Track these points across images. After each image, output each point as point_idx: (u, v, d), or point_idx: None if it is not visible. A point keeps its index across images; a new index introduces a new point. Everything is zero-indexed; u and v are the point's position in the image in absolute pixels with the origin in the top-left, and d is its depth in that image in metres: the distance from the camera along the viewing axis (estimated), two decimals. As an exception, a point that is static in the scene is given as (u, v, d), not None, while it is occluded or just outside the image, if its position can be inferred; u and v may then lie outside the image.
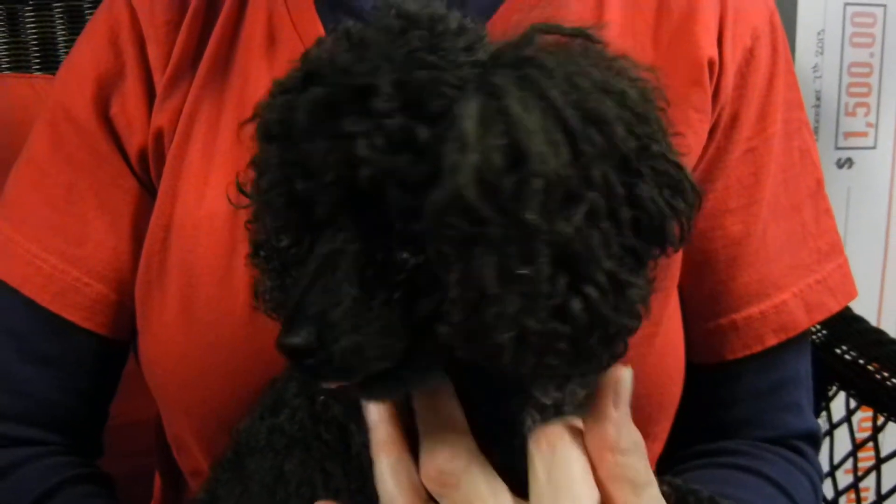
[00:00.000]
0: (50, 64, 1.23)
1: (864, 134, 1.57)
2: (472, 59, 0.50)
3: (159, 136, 0.79)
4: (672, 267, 0.78)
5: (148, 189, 0.81)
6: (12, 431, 0.79)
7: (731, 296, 0.81)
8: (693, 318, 0.82)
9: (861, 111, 1.56)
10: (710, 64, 0.78)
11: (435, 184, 0.46)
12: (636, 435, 0.56)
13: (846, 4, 1.51)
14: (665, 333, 0.79)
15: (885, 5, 1.53)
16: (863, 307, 1.01)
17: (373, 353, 0.49)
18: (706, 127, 0.78)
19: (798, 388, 0.86)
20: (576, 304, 0.47)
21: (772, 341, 0.82)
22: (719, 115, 0.79)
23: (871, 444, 1.07)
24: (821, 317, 0.84)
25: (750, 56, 0.80)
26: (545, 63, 0.49)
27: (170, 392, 0.81)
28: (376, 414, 0.56)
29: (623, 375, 0.55)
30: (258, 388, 0.74)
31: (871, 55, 1.54)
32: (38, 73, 1.21)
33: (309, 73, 0.50)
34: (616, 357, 0.51)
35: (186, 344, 0.78)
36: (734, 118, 0.80)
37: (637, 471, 0.55)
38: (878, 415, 1.05)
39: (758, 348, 0.82)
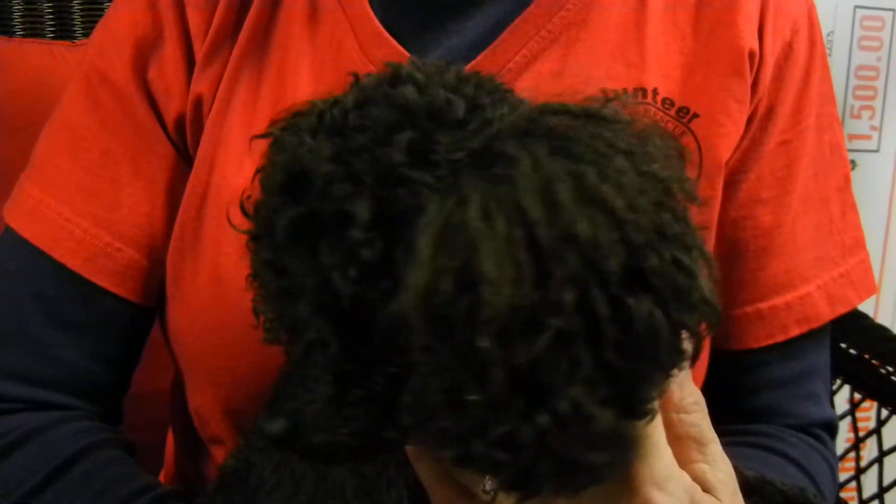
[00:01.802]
0: (65, 31, 1.21)
1: (868, 137, 1.60)
2: (467, 151, 0.47)
3: (199, 103, 0.79)
4: None
5: (183, 156, 0.81)
6: (39, 396, 0.79)
7: (759, 285, 0.82)
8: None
9: (866, 114, 1.58)
10: (751, 55, 0.78)
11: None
12: (697, 394, 0.56)
13: (856, 7, 1.53)
14: (693, 319, 0.79)
15: (894, 10, 1.55)
16: (860, 306, 1.03)
17: (344, 453, 0.51)
18: (745, 117, 0.79)
19: (818, 378, 0.87)
20: (526, 433, 0.44)
21: (795, 332, 0.83)
22: (756, 107, 0.80)
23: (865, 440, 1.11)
24: (843, 310, 0.85)
25: (788, 49, 0.81)
26: (522, 164, 0.45)
27: (197, 360, 0.81)
28: None
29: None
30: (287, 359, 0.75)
31: (879, 59, 1.57)
32: (54, 40, 1.19)
33: (291, 178, 0.49)
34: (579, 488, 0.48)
35: (218, 312, 0.77)
36: (770, 110, 0.81)
37: (701, 429, 0.56)
38: (883, 408, 1.08)
39: (781, 338, 0.83)
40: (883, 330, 1.10)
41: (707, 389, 0.82)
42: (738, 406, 0.85)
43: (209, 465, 0.89)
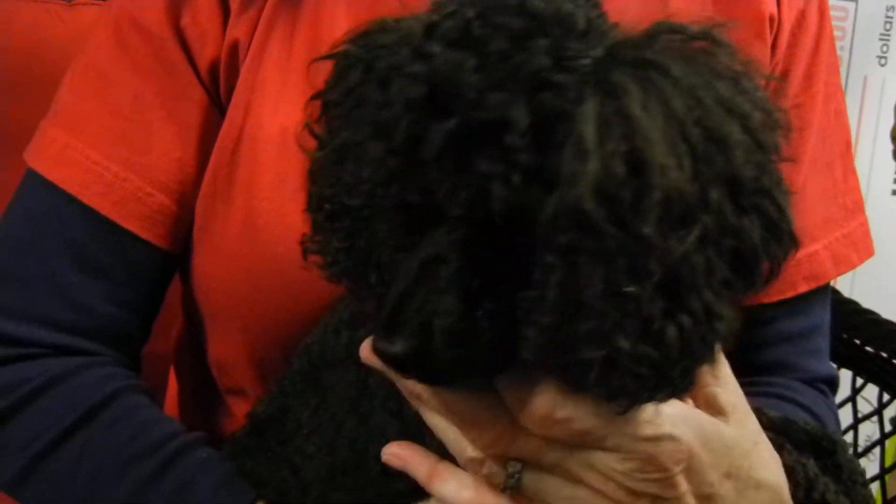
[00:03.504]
0: (55, -11, 1.19)
1: (830, 123, 1.66)
2: (592, 58, 0.48)
3: (234, 49, 0.78)
4: None
5: (215, 103, 0.80)
6: (64, 341, 0.77)
7: None
8: None
9: (829, 101, 1.64)
10: (771, 20, 0.82)
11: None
12: None
13: (821, -2, 1.59)
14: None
15: (856, 1, 1.62)
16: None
17: (473, 367, 0.50)
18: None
19: (821, 336, 0.91)
20: (671, 332, 0.46)
21: (802, 288, 0.87)
22: (773, 69, 0.83)
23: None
24: (845, 269, 0.89)
25: (802, 18, 0.85)
26: (669, 69, 0.47)
27: (225, 307, 0.81)
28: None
29: None
30: (318, 306, 0.75)
31: (842, 48, 1.63)
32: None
33: (435, 92, 0.47)
34: (687, 388, 0.52)
35: (250, 258, 0.78)
36: (784, 74, 0.84)
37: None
38: (857, 377, 1.12)
39: (790, 294, 0.86)
40: (852, 303, 1.14)
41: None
42: (747, 360, 0.88)
43: (224, 418, 0.89)
